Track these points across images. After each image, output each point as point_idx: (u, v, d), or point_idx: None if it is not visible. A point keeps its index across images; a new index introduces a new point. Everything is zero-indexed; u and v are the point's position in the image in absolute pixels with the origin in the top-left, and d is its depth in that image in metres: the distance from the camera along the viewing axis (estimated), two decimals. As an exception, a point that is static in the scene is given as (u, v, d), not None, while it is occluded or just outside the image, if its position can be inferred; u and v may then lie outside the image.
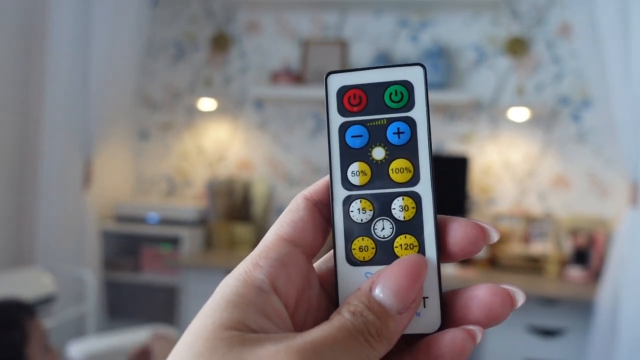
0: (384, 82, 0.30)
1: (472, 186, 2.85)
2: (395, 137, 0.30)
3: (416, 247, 0.29)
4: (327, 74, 0.31)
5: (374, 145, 0.30)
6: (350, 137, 0.30)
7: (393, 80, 0.30)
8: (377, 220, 0.30)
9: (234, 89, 3.12)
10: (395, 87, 0.30)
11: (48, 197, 2.62)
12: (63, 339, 2.41)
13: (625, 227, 2.29)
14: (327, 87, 0.31)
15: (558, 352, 2.33)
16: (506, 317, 0.28)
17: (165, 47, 3.18)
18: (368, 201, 0.30)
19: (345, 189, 0.30)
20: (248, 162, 3.12)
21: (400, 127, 0.30)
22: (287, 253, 0.29)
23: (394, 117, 0.30)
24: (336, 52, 2.94)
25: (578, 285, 2.45)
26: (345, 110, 0.30)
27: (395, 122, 0.30)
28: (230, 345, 0.24)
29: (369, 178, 0.30)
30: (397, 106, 0.30)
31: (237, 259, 2.70)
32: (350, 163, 0.30)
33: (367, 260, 0.29)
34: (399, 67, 0.30)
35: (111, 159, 3.02)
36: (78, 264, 2.69)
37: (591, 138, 2.77)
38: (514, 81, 2.84)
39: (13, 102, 2.60)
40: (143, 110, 3.22)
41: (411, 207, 0.29)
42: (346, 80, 0.31)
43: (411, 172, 0.30)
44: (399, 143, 0.30)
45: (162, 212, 2.90)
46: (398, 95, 0.30)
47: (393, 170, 0.30)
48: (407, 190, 0.30)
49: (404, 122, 0.30)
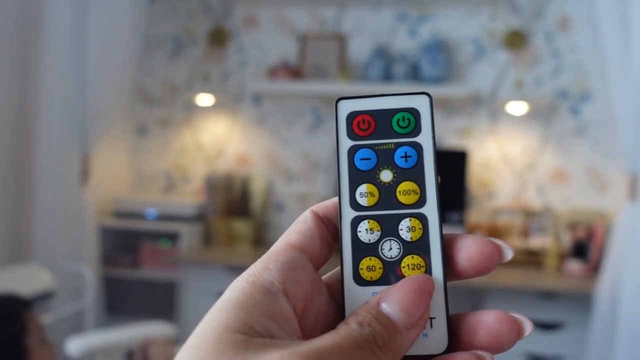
0: (392, 108, 0.31)
1: (472, 180, 2.84)
2: (402, 160, 0.31)
3: (423, 267, 0.30)
4: (337, 100, 0.32)
5: (382, 168, 0.31)
6: (359, 160, 0.31)
7: (401, 108, 0.31)
8: (385, 241, 0.30)
9: (232, 84, 3.11)
10: (402, 113, 0.31)
11: (46, 193, 2.61)
12: (61, 334, 2.40)
13: (624, 221, 2.28)
14: (337, 112, 0.32)
15: (557, 346, 2.33)
16: (512, 346, 0.28)
17: (162, 42, 3.17)
18: (376, 222, 0.30)
19: (353, 209, 0.31)
20: (246, 158, 3.11)
21: (408, 151, 0.31)
22: (295, 258, 0.29)
23: (401, 141, 0.31)
24: (334, 47, 2.93)
25: (577, 278, 2.45)
26: (354, 134, 0.32)
27: (403, 146, 0.31)
28: (235, 350, 0.24)
29: (377, 200, 0.31)
30: (405, 132, 0.31)
31: (236, 254, 2.70)
32: (359, 185, 0.31)
33: (375, 280, 0.30)
34: (407, 95, 0.31)
35: (109, 155, 3.01)
36: (76, 260, 2.68)
37: (590, 132, 2.77)
38: (513, 75, 2.83)
39: (10, 98, 2.59)
40: (141, 106, 3.21)
41: (418, 228, 0.30)
42: (355, 106, 0.32)
43: (418, 194, 0.30)
44: (406, 166, 0.31)
45: (161, 207, 2.90)
46: (405, 121, 0.31)
47: (400, 192, 0.30)
48: (414, 211, 0.30)
49: (411, 147, 0.31)
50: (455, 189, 2.71)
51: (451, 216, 2.68)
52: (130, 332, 1.88)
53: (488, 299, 2.39)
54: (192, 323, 2.58)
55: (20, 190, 2.67)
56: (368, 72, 2.83)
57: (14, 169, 2.64)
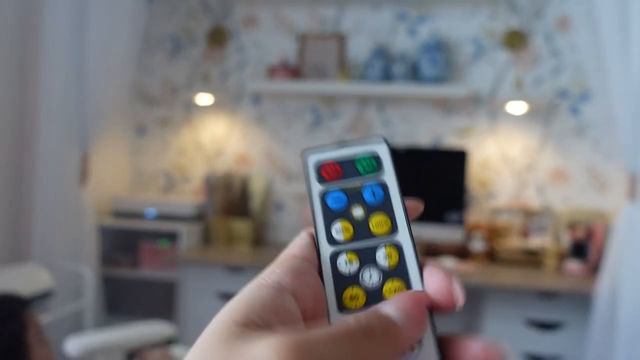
0: (355, 154, 0.34)
1: (471, 180, 2.84)
2: (371, 197, 0.33)
3: (404, 290, 0.31)
4: (302, 151, 0.35)
5: (353, 206, 0.33)
6: (331, 201, 0.33)
7: (362, 152, 0.34)
8: (364, 270, 0.31)
9: (232, 83, 3.11)
10: (364, 157, 0.34)
11: (45, 192, 2.61)
12: (60, 334, 2.40)
13: (624, 221, 2.28)
14: (306, 162, 0.35)
15: (557, 346, 2.33)
16: None
17: (162, 42, 3.17)
18: (354, 253, 0.32)
19: (331, 245, 0.32)
20: (246, 157, 3.11)
21: (374, 189, 0.33)
22: (301, 265, 0.31)
23: (367, 182, 0.33)
24: (334, 46, 2.93)
25: (577, 278, 2.45)
26: (323, 180, 0.34)
27: (369, 185, 0.33)
28: (229, 340, 0.25)
29: (352, 234, 0.32)
30: (369, 173, 0.34)
31: (235, 254, 2.70)
32: (333, 222, 0.33)
33: (359, 307, 0.31)
34: (366, 143, 0.35)
35: (108, 155, 3.01)
36: (75, 259, 2.68)
37: (590, 131, 2.77)
38: (512, 75, 2.83)
39: (9, 97, 2.59)
40: (140, 106, 3.21)
41: (394, 254, 0.31)
42: (321, 157, 0.35)
43: (389, 225, 0.32)
44: (375, 202, 0.33)
45: (160, 207, 2.90)
46: (368, 163, 0.34)
47: (373, 224, 0.32)
48: (388, 239, 0.32)
49: (377, 185, 0.33)
50: (454, 189, 2.71)
51: (451, 216, 2.67)
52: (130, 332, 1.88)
53: (487, 298, 2.39)
54: (192, 323, 2.58)
55: (20, 190, 2.66)
56: (368, 72, 2.83)
57: (13, 169, 2.64)
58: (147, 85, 3.19)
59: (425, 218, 2.70)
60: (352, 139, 0.33)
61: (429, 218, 2.69)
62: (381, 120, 2.97)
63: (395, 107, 2.95)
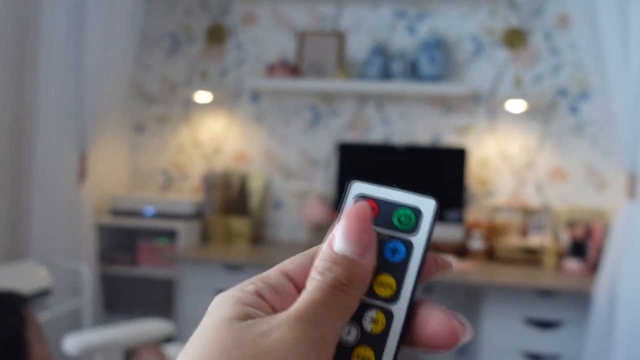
0: (398, 202, 0.32)
1: (470, 178, 2.84)
2: (390, 253, 0.31)
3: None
4: (351, 180, 0.33)
5: None
6: None
7: (406, 204, 0.32)
8: (348, 323, 0.30)
9: (230, 81, 3.10)
10: (405, 210, 0.32)
11: (43, 190, 2.60)
12: (59, 332, 2.40)
13: (623, 219, 2.28)
14: (349, 190, 0.33)
15: (555, 344, 2.33)
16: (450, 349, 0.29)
17: (160, 39, 3.16)
18: None
19: None
20: (244, 155, 3.10)
21: (398, 247, 0.31)
22: (283, 284, 0.30)
23: (395, 235, 0.31)
24: (333, 44, 2.93)
25: (575, 277, 2.45)
26: None
27: (395, 240, 0.31)
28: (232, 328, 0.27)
29: None
30: (402, 228, 0.31)
31: (234, 252, 2.69)
32: None
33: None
34: (416, 195, 0.32)
35: (107, 153, 3.00)
36: (74, 257, 2.67)
37: (589, 130, 2.77)
38: (511, 73, 2.83)
39: (7, 95, 2.58)
40: (139, 103, 3.20)
41: (381, 322, 0.30)
42: (366, 190, 0.33)
43: (393, 290, 0.30)
44: (392, 260, 0.31)
45: (158, 205, 2.89)
46: (406, 218, 0.32)
47: (377, 282, 0.31)
48: (383, 305, 0.30)
49: (402, 243, 0.31)
50: (453, 187, 2.70)
51: (450, 214, 2.67)
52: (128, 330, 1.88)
53: (486, 297, 2.39)
54: (190, 321, 2.58)
55: (18, 188, 2.66)
56: (367, 70, 2.82)
57: (11, 167, 2.63)
58: (146, 83, 3.19)
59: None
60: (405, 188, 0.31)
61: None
62: (380, 119, 2.96)
63: (395, 105, 2.95)
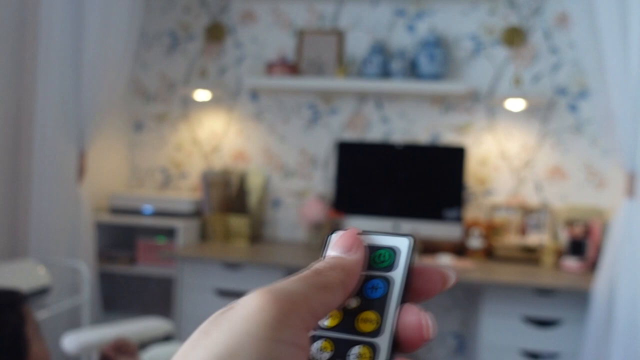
0: (376, 245, 0.34)
1: (469, 177, 2.84)
2: (370, 291, 0.32)
3: None
4: (333, 231, 0.35)
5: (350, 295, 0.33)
6: None
7: (384, 245, 0.34)
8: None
9: (229, 79, 3.10)
10: (383, 251, 0.34)
11: (42, 189, 2.60)
12: (57, 330, 2.39)
13: (622, 218, 2.28)
14: (328, 242, 0.34)
15: (554, 343, 2.33)
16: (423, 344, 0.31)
17: (159, 37, 3.16)
18: (330, 342, 0.32)
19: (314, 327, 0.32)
20: (243, 153, 3.10)
21: (378, 284, 0.32)
22: None
23: (374, 274, 0.33)
24: (332, 42, 2.92)
25: (574, 275, 2.45)
26: None
27: (375, 279, 0.33)
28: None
29: (338, 322, 0.32)
30: (380, 266, 0.33)
31: (232, 250, 2.69)
32: None
33: None
34: (394, 236, 0.34)
35: (105, 151, 3.00)
36: (72, 255, 2.67)
37: (588, 128, 2.77)
38: (511, 71, 2.83)
39: (5, 94, 2.58)
40: (137, 101, 3.20)
41: (367, 357, 0.31)
42: None
43: (376, 324, 0.31)
44: (373, 297, 0.32)
45: (157, 203, 2.89)
46: (383, 257, 0.33)
47: (360, 319, 0.32)
48: (368, 340, 0.31)
49: (382, 280, 0.32)
50: (452, 186, 2.70)
51: (449, 213, 2.67)
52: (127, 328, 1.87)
53: (485, 295, 2.39)
54: (189, 319, 2.57)
55: (17, 186, 2.65)
56: (366, 68, 2.82)
57: (10, 165, 2.62)
58: (144, 80, 3.18)
59: (423, 215, 2.69)
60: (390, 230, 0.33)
61: (427, 215, 2.69)
62: (379, 117, 2.96)
63: (394, 103, 2.94)
